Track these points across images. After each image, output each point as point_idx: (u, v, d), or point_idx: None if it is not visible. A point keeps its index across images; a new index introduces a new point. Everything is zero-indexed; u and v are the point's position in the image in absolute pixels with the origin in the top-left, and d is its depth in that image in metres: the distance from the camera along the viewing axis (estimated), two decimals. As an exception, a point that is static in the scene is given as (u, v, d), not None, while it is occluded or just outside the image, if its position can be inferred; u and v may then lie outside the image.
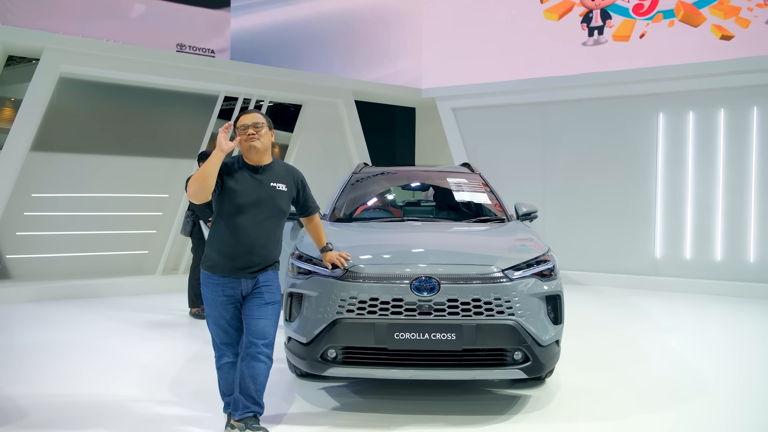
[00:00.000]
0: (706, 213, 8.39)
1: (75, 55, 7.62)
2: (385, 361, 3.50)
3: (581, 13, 9.33)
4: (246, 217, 3.21)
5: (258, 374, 3.18)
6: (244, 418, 3.17)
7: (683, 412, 3.77)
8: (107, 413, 3.66)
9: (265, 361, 3.21)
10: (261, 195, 3.25)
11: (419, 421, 3.55)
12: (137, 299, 7.55)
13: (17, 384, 4.18)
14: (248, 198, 3.22)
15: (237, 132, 3.29)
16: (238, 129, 3.28)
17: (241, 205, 3.20)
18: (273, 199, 3.28)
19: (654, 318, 6.84)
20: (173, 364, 4.74)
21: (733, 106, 8.24)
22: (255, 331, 3.20)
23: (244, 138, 3.24)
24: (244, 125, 3.26)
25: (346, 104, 9.98)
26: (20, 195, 7.61)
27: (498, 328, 3.43)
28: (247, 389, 3.17)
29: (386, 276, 3.51)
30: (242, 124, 3.27)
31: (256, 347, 3.18)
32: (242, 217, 3.20)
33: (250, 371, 3.17)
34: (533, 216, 5.00)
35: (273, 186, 3.30)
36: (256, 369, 3.18)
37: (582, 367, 4.64)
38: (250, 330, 3.21)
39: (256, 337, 3.19)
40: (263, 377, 3.22)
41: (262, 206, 3.25)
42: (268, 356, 3.23)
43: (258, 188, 3.25)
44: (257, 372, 3.18)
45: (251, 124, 3.25)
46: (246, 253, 3.21)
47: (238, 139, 3.27)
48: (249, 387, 3.17)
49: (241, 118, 3.30)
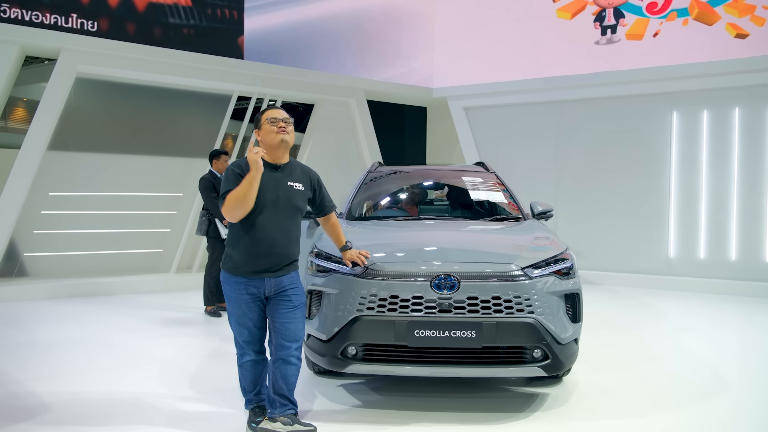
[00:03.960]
0: (720, 212, 8.36)
1: (91, 56, 7.69)
2: (405, 359, 3.52)
3: (594, 12, 9.31)
4: (265, 217, 3.20)
5: (290, 375, 3.27)
6: (287, 414, 3.26)
7: (701, 412, 3.77)
8: (131, 409, 3.70)
9: (296, 363, 3.29)
10: (279, 194, 3.25)
11: (438, 419, 3.57)
12: (152, 297, 7.62)
13: (40, 380, 4.23)
14: (267, 197, 3.21)
15: (264, 124, 3.27)
16: (268, 121, 3.26)
17: (260, 204, 3.19)
18: (290, 198, 3.29)
19: (668, 317, 6.82)
20: (192, 360, 4.79)
21: (748, 105, 8.20)
22: (286, 334, 3.25)
23: (275, 130, 3.23)
24: (275, 118, 3.25)
25: (358, 104, 10.01)
26: (37, 194, 7.70)
27: (518, 325, 3.44)
28: (280, 390, 3.26)
29: (406, 274, 3.53)
30: (273, 116, 3.26)
31: (288, 350, 3.24)
32: (261, 217, 3.20)
33: (282, 373, 3.25)
34: (549, 215, 5.01)
35: (290, 185, 3.30)
36: (288, 371, 3.26)
37: (598, 366, 4.64)
38: (282, 333, 3.25)
39: (287, 341, 3.25)
40: (294, 377, 3.29)
41: (279, 205, 3.25)
42: (298, 358, 3.30)
43: (276, 187, 3.25)
44: (289, 373, 3.26)
45: (282, 118, 3.26)
46: (267, 253, 3.21)
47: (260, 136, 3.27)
48: (282, 388, 3.26)
49: (269, 112, 3.29)
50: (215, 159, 6.58)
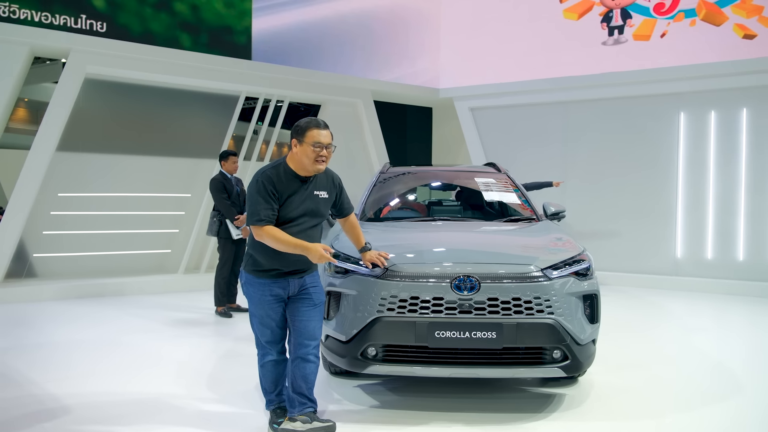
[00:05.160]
0: (727, 213, 8.38)
1: (100, 56, 7.71)
2: (426, 359, 3.53)
3: (601, 13, 9.32)
4: (294, 226, 3.25)
5: (309, 374, 3.29)
6: (306, 412, 3.27)
7: (717, 412, 3.78)
8: (152, 410, 3.71)
9: (314, 361, 3.31)
10: (309, 206, 3.29)
11: (457, 419, 3.58)
12: (160, 297, 7.63)
13: (58, 380, 4.23)
14: (296, 210, 3.25)
15: (307, 143, 3.19)
16: (312, 144, 3.18)
17: (292, 217, 3.24)
18: (317, 208, 3.34)
19: (677, 318, 6.84)
20: (207, 361, 4.80)
21: (755, 106, 8.22)
22: (305, 332, 3.28)
23: (314, 157, 3.19)
24: (321, 144, 3.20)
25: (365, 104, 10.02)
26: (47, 194, 7.71)
27: (538, 326, 3.46)
28: (299, 389, 3.28)
29: (427, 275, 3.55)
30: (318, 141, 3.19)
31: (306, 348, 3.27)
32: (291, 227, 3.23)
33: (301, 372, 3.28)
34: (561, 215, 5.04)
35: (317, 194, 3.34)
36: (307, 369, 3.28)
37: (612, 367, 4.66)
38: (301, 332, 3.28)
39: (307, 339, 3.28)
40: (313, 375, 3.31)
41: (307, 215, 3.29)
42: (316, 356, 3.33)
43: (306, 199, 3.28)
44: (308, 372, 3.29)
45: (326, 144, 3.22)
46: (294, 259, 3.26)
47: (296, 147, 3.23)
48: (302, 386, 3.28)
49: (317, 134, 3.20)
50: (223, 160, 6.60)
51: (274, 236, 3.13)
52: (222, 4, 8.64)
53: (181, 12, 8.34)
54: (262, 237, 3.16)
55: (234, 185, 6.56)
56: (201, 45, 8.45)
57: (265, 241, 3.16)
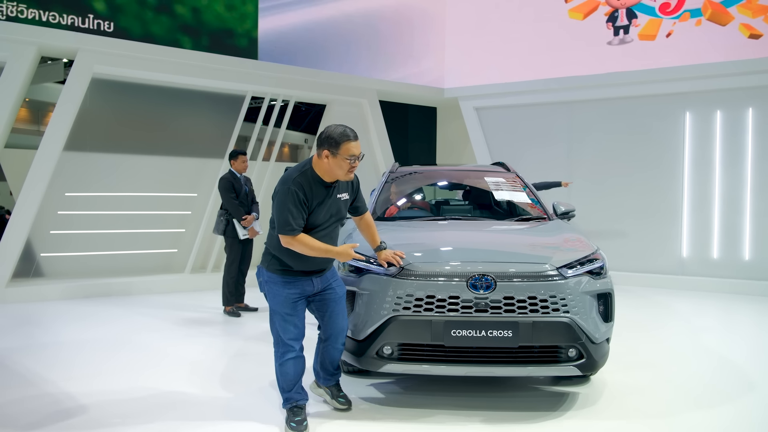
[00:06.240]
0: (733, 212, 8.39)
1: (107, 56, 7.71)
2: (442, 358, 3.55)
3: (606, 13, 9.33)
4: (321, 230, 3.36)
5: (336, 358, 3.64)
6: (330, 385, 3.70)
7: (730, 411, 3.79)
8: (167, 409, 3.72)
9: (341, 348, 3.62)
10: (333, 210, 3.40)
11: (471, 418, 3.59)
12: (168, 297, 7.64)
13: (72, 380, 4.24)
14: (321, 215, 3.35)
15: (342, 155, 3.25)
16: (346, 158, 3.25)
17: (319, 222, 3.35)
18: (339, 211, 3.46)
19: (684, 317, 6.85)
20: (219, 360, 4.80)
21: (761, 106, 8.23)
22: (336, 326, 3.52)
23: (347, 168, 3.29)
24: (353, 156, 3.28)
25: (371, 104, 10.03)
26: (54, 194, 7.72)
27: (553, 325, 3.47)
28: (327, 368, 3.66)
29: (442, 274, 3.56)
30: (351, 154, 3.27)
31: (338, 340, 3.55)
32: (318, 231, 3.35)
33: (330, 357, 3.60)
34: (571, 215, 5.05)
35: (339, 197, 3.44)
36: (335, 354, 3.61)
37: (623, 366, 4.67)
38: (332, 325, 3.51)
39: (338, 332, 3.54)
40: (339, 356, 3.66)
41: (331, 218, 3.41)
42: (343, 344, 3.62)
43: (331, 204, 3.39)
44: (336, 356, 3.62)
45: (358, 155, 3.31)
46: (321, 260, 3.41)
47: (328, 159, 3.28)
48: (329, 367, 3.65)
49: (351, 146, 3.27)
50: (233, 159, 6.60)
51: (306, 243, 3.23)
52: (223, 7, 8.65)
53: (182, 15, 8.33)
54: (292, 244, 3.23)
55: (243, 184, 6.57)
56: (202, 48, 8.44)
57: (294, 248, 3.24)
